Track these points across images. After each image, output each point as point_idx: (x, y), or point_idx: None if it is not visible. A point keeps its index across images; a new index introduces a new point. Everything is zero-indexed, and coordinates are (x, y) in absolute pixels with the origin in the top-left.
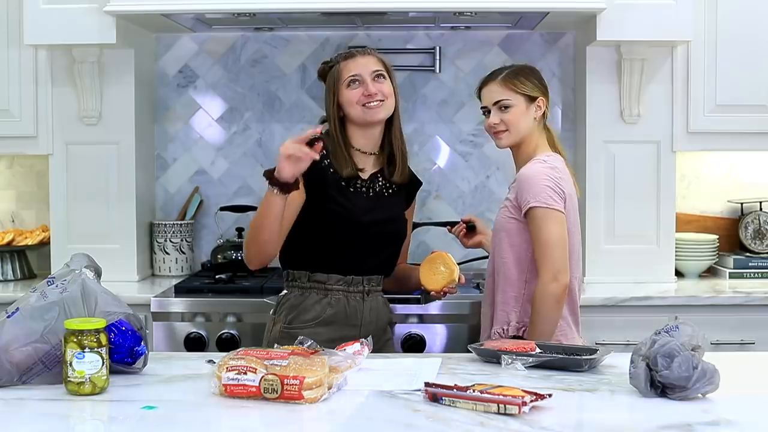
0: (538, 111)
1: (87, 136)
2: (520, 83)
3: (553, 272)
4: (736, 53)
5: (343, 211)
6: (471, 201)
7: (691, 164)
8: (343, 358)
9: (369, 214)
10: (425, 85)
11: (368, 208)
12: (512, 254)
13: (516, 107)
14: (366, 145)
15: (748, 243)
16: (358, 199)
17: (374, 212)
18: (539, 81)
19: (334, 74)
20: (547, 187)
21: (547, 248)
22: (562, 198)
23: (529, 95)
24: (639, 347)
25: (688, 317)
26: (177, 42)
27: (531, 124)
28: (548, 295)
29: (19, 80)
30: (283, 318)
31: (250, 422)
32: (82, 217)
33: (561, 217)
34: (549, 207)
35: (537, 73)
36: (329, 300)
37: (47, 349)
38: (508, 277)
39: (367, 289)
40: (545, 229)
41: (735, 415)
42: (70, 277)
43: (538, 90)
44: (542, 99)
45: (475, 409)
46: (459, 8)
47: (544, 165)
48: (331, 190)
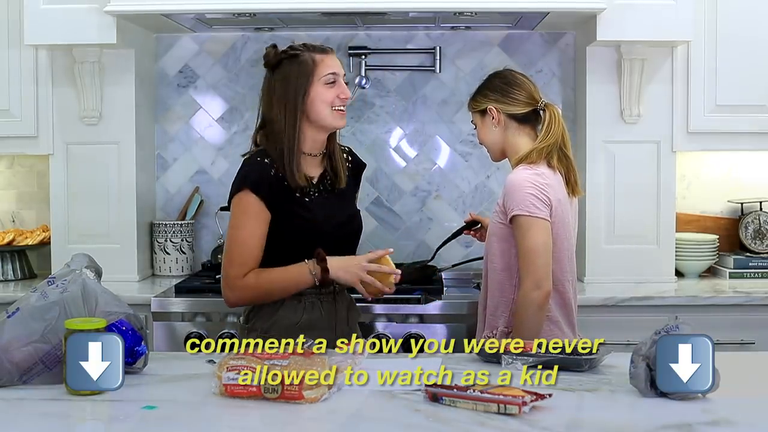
0: (494, 119)
1: (87, 136)
2: (474, 101)
3: (534, 280)
4: (736, 53)
5: (305, 223)
6: (471, 201)
7: (691, 164)
8: (343, 358)
9: (330, 221)
10: (425, 85)
11: (328, 214)
12: (502, 260)
13: (477, 125)
14: (314, 148)
15: (748, 243)
16: (317, 207)
17: (335, 217)
18: (492, 89)
19: (304, 66)
20: (531, 194)
21: (530, 256)
22: (547, 205)
23: (480, 110)
24: (639, 347)
25: (688, 317)
26: (177, 42)
27: (493, 134)
28: (529, 303)
29: (19, 80)
30: (260, 326)
31: (250, 422)
32: (83, 217)
33: (544, 225)
34: (532, 215)
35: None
36: (303, 305)
37: (48, 349)
38: (497, 282)
39: (337, 290)
40: (528, 237)
41: (735, 415)
42: (70, 277)
43: (486, 100)
44: (491, 107)
45: (475, 409)
46: (459, 8)
47: (530, 171)
48: (289, 205)
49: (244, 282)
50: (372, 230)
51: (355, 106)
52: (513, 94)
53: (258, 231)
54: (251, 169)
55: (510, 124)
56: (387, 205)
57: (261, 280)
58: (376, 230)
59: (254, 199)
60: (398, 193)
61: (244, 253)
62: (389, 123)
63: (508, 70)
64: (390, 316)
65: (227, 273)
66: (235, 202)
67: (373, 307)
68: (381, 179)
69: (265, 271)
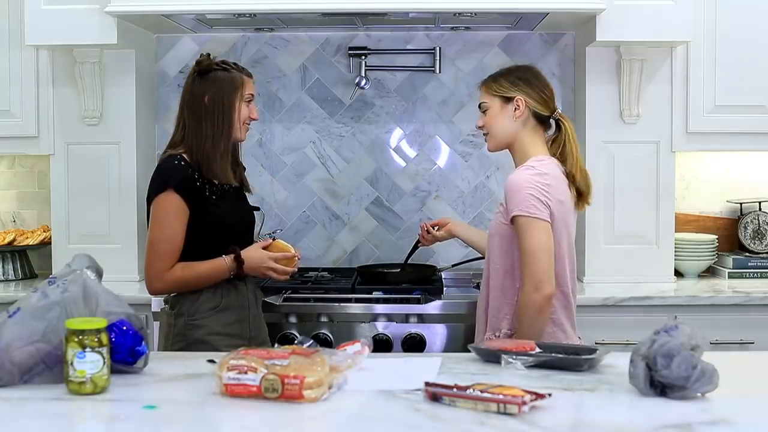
0: (517, 110)
1: (88, 136)
2: (497, 85)
3: (534, 282)
4: (736, 54)
5: (219, 220)
6: (471, 201)
7: (690, 164)
8: (344, 357)
9: (236, 215)
10: (425, 85)
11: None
12: (506, 261)
13: (491, 109)
14: None
15: (748, 243)
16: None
17: (240, 211)
18: (523, 80)
19: (234, 83)
20: (531, 195)
21: (530, 258)
22: (547, 206)
23: (504, 96)
24: (639, 347)
25: (687, 317)
26: (177, 42)
27: (510, 124)
28: (530, 305)
29: (20, 81)
30: (186, 311)
31: (251, 422)
32: (83, 217)
33: (544, 226)
34: (531, 216)
35: (526, 72)
36: (221, 291)
37: (48, 349)
38: (499, 283)
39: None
40: (528, 238)
41: (734, 415)
42: (71, 277)
43: (517, 89)
44: (520, 98)
45: (475, 408)
46: (459, 9)
47: (531, 171)
48: (205, 204)
49: (170, 274)
50: (372, 230)
51: (355, 107)
52: (543, 92)
53: (182, 228)
54: (173, 170)
55: (529, 122)
56: (387, 205)
57: (186, 272)
58: (376, 230)
59: (177, 199)
60: (398, 193)
61: (170, 248)
62: (389, 123)
63: (536, 68)
64: (390, 316)
65: (155, 266)
66: (159, 201)
67: (374, 307)
68: (381, 179)
69: (189, 266)
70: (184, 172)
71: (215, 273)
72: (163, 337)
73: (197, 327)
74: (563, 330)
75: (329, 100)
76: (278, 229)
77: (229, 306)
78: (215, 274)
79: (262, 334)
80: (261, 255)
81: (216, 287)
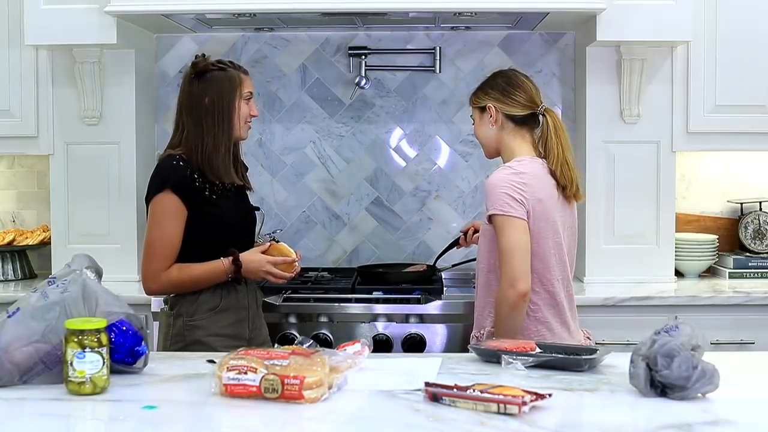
0: (491, 117)
1: (88, 136)
2: (475, 96)
3: (509, 279)
4: (736, 53)
5: (218, 220)
6: (471, 201)
7: (690, 164)
8: (343, 358)
9: (236, 215)
10: (425, 85)
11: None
12: (489, 260)
13: (475, 120)
14: None
15: (748, 243)
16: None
17: (240, 211)
18: (494, 87)
19: (232, 82)
20: (505, 194)
21: (505, 255)
22: (522, 204)
23: (479, 106)
24: (639, 347)
25: (687, 317)
26: (177, 42)
27: (489, 131)
28: (504, 302)
29: (20, 80)
30: (185, 311)
31: (250, 422)
32: (83, 217)
33: (519, 224)
34: (506, 214)
35: (497, 78)
36: (221, 292)
37: (48, 349)
38: (483, 281)
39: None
40: (503, 236)
41: (735, 414)
42: (70, 277)
43: (487, 97)
44: (490, 105)
45: (476, 408)
46: (459, 8)
47: (507, 171)
48: (204, 204)
49: (167, 275)
50: (372, 230)
51: (355, 106)
52: (513, 95)
53: (179, 229)
54: (171, 171)
55: (507, 125)
56: (387, 205)
57: (183, 274)
58: (376, 230)
59: (175, 199)
60: (398, 193)
61: (167, 248)
62: (389, 123)
63: (512, 71)
64: (390, 316)
65: (152, 267)
66: (157, 201)
67: (374, 307)
68: (381, 179)
69: (186, 267)
70: (182, 173)
71: (212, 275)
72: (162, 338)
73: (196, 328)
74: (549, 328)
75: (329, 99)
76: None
77: (228, 307)
78: (212, 276)
79: (261, 335)
80: (260, 259)
81: (215, 288)
